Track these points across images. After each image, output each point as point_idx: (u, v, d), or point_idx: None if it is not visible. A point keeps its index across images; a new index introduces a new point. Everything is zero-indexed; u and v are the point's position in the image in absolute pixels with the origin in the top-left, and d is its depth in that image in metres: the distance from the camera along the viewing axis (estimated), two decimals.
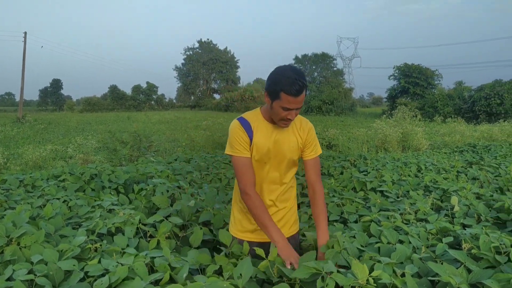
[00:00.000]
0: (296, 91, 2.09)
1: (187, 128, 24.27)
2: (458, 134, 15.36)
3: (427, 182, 4.65)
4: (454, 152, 9.71)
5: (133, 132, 10.85)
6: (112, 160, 9.60)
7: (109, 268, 2.05)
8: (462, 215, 3.39)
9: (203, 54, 73.04)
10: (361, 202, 3.82)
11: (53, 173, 5.08)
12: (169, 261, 2.10)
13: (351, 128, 21.51)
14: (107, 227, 2.84)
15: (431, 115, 34.61)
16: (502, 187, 4.90)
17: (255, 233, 2.47)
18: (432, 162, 6.58)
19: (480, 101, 35.26)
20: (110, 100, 62.32)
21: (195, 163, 6.33)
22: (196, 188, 4.36)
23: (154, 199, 3.48)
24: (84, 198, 3.86)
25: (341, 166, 5.93)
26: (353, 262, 1.93)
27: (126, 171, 5.14)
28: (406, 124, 13.12)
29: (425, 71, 44.52)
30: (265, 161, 2.33)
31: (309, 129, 2.41)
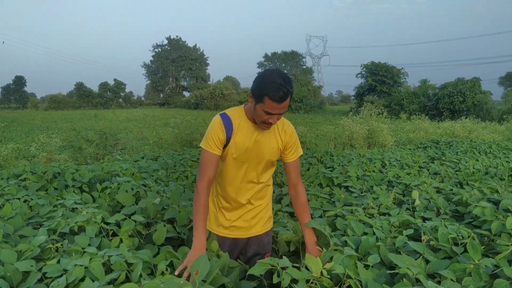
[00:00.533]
0: (280, 98, 2.07)
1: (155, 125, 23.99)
2: (422, 130, 15.76)
3: (391, 177, 4.76)
4: (418, 148, 9.97)
5: (99, 130, 10.65)
6: (77, 158, 9.39)
7: (68, 269, 2.01)
8: (422, 208, 3.49)
9: (172, 51, 72.34)
10: (326, 197, 3.88)
11: (14, 172, 4.93)
12: (126, 259, 2.07)
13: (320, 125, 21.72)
14: (69, 226, 2.78)
15: (397, 113, 35.37)
16: (461, 181, 5.07)
17: (229, 229, 2.47)
18: (396, 158, 6.74)
19: (443, 98, 36.25)
20: (76, 98, 60.85)
21: (162, 161, 6.27)
22: (162, 186, 4.32)
23: (118, 197, 3.43)
24: (46, 197, 3.76)
25: (308, 163, 6.00)
26: (306, 256, 1.97)
27: (91, 170, 5.03)
28: (372, 121, 13.38)
29: (391, 69, 45.42)
30: (243, 160, 2.32)
31: (291, 132, 2.41)
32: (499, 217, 2.90)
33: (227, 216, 2.45)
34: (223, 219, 2.46)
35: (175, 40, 73.04)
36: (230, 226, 2.45)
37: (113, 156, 7.53)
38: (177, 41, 73.03)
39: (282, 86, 2.06)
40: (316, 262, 1.89)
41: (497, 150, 8.94)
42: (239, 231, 2.45)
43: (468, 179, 5.06)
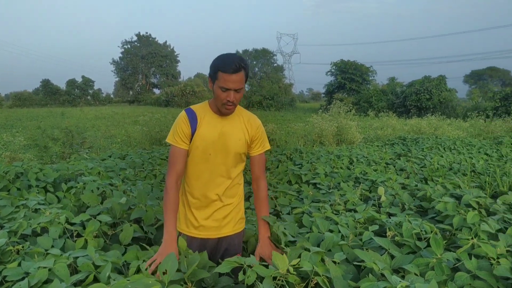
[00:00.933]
0: (232, 69, 2.10)
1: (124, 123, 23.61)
2: (390, 127, 16.08)
3: (358, 173, 4.84)
4: (386, 145, 10.16)
5: (65, 128, 10.38)
6: (43, 158, 9.13)
7: (30, 271, 1.96)
8: (388, 204, 3.56)
9: (142, 48, 71.21)
10: (295, 194, 3.91)
11: None
12: (94, 260, 2.03)
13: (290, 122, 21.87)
14: (32, 227, 2.70)
15: (365, 110, 35.92)
16: (426, 177, 5.20)
17: (198, 229, 2.42)
18: (363, 154, 6.85)
19: (411, 96, 37.03)
20: (43, 95, 59.19)
21: (130, 159, 6.18)
22: (129, 185, 4.26)
23: (83, 197, 3.35)
24: (7, 198, 3.63)
25: (277, 160, 6.03)
26: (273, 253, 1.97)
27: (55, 169, 4.91)
28: (341, 119, 13.55)
29: (360, 67, 46.12)
30: (209, 152, 2.30)
31: (257, 126, 2.41)
32: (461, 212, 2.99)
33: (196, 215, 2.39)
34: (192, 218, 2.41)
35: (145, 36, 71.92)
36: (200, 225, 2.39)
37: (79, 155, 7.36)
38: (147, 38, 71.93)
39: (234, 59, 2.13)
40: (282, 259, 1.90)
41: (461, 146, 9.21)
42: (209, 231, 2.40)
43: (432, 175, 5.19)
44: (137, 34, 71.95)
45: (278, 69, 64.55)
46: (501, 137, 12.12)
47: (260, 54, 63.87)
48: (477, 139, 12.22)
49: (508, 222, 2.96)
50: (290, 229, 2.66)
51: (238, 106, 2.39)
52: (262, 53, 63.92)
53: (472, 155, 7.63)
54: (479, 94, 42.34)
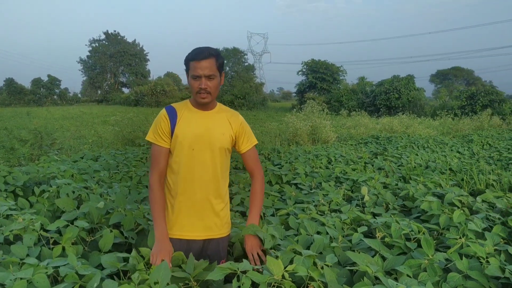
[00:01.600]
0: (199, 56, 2.16)
1: (94, 123, 23.05)
2: (363, 126, 16.28)
3: (338, 173, 4.83)
4: (360, 144, 10.25)
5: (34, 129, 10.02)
6: (10, 160, 8.78)
7: (6, 283, 1.82)
8: (372, 204, 3.55)
9: (110, 46, 69.80)
10: (277, 195, 3.85)
11: None
12: (76, 269, 1.91)
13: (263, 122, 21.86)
14: (4, 235, 2.54)
15: (337, 109, 36.37)
16: (405, 176, 5.24)
17: (183, 229, 2.34)
18: (341, 153, 6.87)
19: (380, 95, 37.68)
20: (6, 95, 57.14)
21: (103, 161, 5.99)
22: (105, 188, 4.10)
23: (58, 201, 3.19)
24: None
25: None
26: (267, 258, 1.91)
27: (25, 172, 4.69)
28: (315, 118, 13.61)
29: (331, 67, 46.61)
30: (193, 148, 2.27)
31: (240, 122, 2.41)
32: (445, 211, 3.00)
33: (181, 215, 2.32)
34: (177, 219, 2.33)
35: (113, 35, 70.51)
36: (185, 225, 2.32)
37: (49, 156, 7.09)
38: (115, 36, 70.55)
39: (203, 48, 2.21)
40: (277, 264, 1.83)
41: (433, 144, 9.39)
42: (195, 232, 2.33)
43: (410, 173, 5.24)
44: (105, 32, 70.44)
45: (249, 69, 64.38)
46: (470, 135, 12.43)
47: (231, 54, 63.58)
48: (448, 137, 12.51)
49: (492, 220, 2.99)
50: (277, 232, 2.60)
51: (219, 104, 2.41)
52: (233, 52, 63.66)
53: (446, 153, 7.77)
54: (446, 93, 43.49)
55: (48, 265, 1.98)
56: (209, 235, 2.36)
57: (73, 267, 1.93)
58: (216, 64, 2.21)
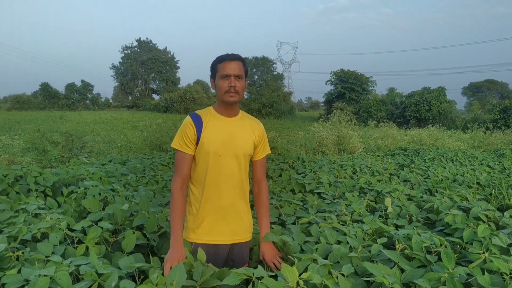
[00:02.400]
0: (229, 57, 2.29)
1: (123, 128, 23.53)
2: (390, 138, 16.04)
3: (362, 184, 4.78)
4: (387, 155, 10.11)
5: (65, 132, 10.31)
6: (42, 161, 9.05)
7: (30, 279, 1.89)
8: (395, 216, 3.50)
9: (142, 53, 71.14)
10: (299, 203, 3.84)
11: None
12: (96, 268, 1.96)
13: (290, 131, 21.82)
14: (32, 233, 2.64)
15: (365, 120, 35.98)
16: (431, 188, 5.15)
17: (210, 234, 2.35)
18: (366, 164, 6.80)
19: (410, 107, 37.12)
20: (41, 99, 59.02)
21: (131, 165, 6.11)
22: (131, 191, 4.19)
23: (85, 202, 3.28)
24: (6, 202, 3.56)
25: (280, 168, 5.97)
26: (282, 265, 1.92)
27: (55, 173, 4.84)
28: (342, 128, 13.51)
29: (360, 77, 46.25)
30: (220, 154, 2.30)
31: (261, 130, 2.47)
32: (470, 225, 2.94)
33: (208, 221, 2.34)
34: (204, 224, 2.35)
35: (145, 42, 71.91)
36: (212, 231, 2.34)
37: (79, 159, 7.29)
38: (147, 43, 71.93)
39: (230, 53, 2.32)
40: (292, 272, 1.84)
41: (463, 158, 9.17)
42: (223, 236, 2.35)
43: (437, 186, 5.14)
44: (138, 39, 71.93)
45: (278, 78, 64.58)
46: (502, 150, 12.09)
47: (260, 62, 63.94)
48: (478, 151, 12.20)
49: None
50: (297, 239, 2.61)
51: (241, 111, 2.45)
52: (262, 61, 64.00)
53: (475, 167, 7.59)
54: (479, 106, 42.47)
55: (71, 263, 2.04)
56: (235, 240, 2.39)
57: (94, 266, 1.99)
58: (243, 68, 2.32)
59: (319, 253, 2.43)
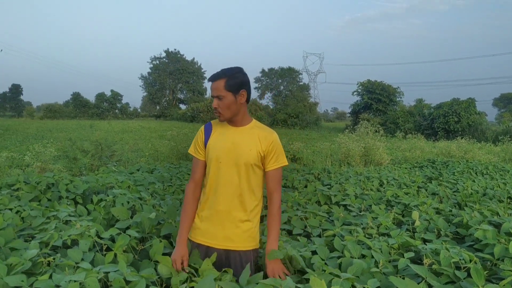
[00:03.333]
0: (210, 78, 2.37)
1: (151, 138, 23.86)
2: (418, 150, 15.78)
3: (389, 196, 4.72)
4: (414, 168, 9.94)
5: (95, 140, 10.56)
6: (72, 169, 9.28)
7: (61, 284, 1.94)
8: (422, 230, 3.44)
9: (170, 64, 72.25)
10: (325, 215, 3.82)
11: (7, 182, 4.84)
12: (125, 276, 2.00)
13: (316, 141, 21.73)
14: (63, 239, 2.71)
15: (392, 131, 35.50)
16: (460, 202, 5.04)
17: (205, 236, 2.47)
18: (393, 177, 6.70)
19: (438, 118, 36.46)
20: (73, 108, 60.62)
21: (158, 173, 6.20)
22: (158, 200, 4.25)
23: (114, 210, 3.36)
24: (38, 208, 3.67)
25: (305, 179, 5.95)
26: (311, 277, 1.91)
27: (85, 181, 4.95)
28: (369, 139, 13.37)
29: (387, 88, 45.76)
30: (220, 161, 2.39)
31: (272, 140, 2.44)
32: (501, 241, 2.86)
33: (205, 223, 2.47)
34: (202, 225, 2.48)
35: (173, 53, 73.03)
36: (207, 233, 2.45)
37: (108, 167, 7.44)
38: (175, 54, 73.02)
39: (221, 70, 2.38)
40: (320, 285, 1.83)
41: (493, 171, 8.94)
42: (214, 240, 2.43)
43: (466, 200, 5.02)
44: (166, 50, 73.12)
45: (304, 88, 64.52)
46: None
47: (286, 73, 64.05)
48: (510, 164, 11.87)
49: None
50: (321, 253, 2.60)
51: (256, 121, 2.53)
52: (288, 71, 64.10)
53: (506, 181, 7.38)
54: (510, 118, 41.35)
55: (100, 270, 2.09)
56: (229, 246, 2.43)
57: (122, 274, 2.03)
58: (224, 85, 2.32)
59: (343, 267, 2.42)
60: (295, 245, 2.89)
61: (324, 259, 2.51)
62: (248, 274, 1.93)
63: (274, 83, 65.43)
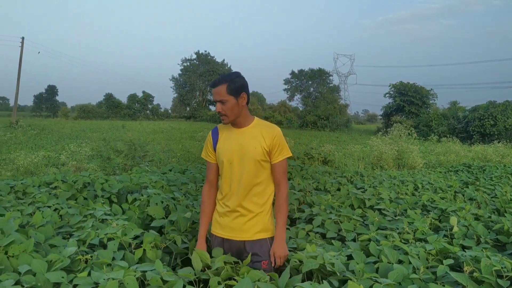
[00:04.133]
0: (211, 84, 2.55)
1: (182, 138, 24.15)
2: (453, 153, 15.37)
3: (425, 201, 4.60)
4: (449, 172, 9.69)
5: (129, 141, 10.74)
6: (106, 168, 9.47)
7: (100, 282, 1.97)
8: (461, 236, 3.33)
9: (200, 65, 72.96)
10: (359, 219, 3.76)
11: (45, 180, 4.97)
12: (161, 275, 2.02)
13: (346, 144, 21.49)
14: (99, 237, 2.76)
15: (425, 134, 34.79)
16: (499, 208, 4.87)
17: (224, 229, 2.64)
18: (428, 181, 6.54)
19: (474, 121, 35.50)
20: (105, 108, 62.04)
21: (190, 174, 6.24)
22: (191, 200, 4.28)
23: (150, 209, 3.42)
24: (76, 206, 3.75)
25: (337, 182, 5.87)
26: (349, 282, 1.87)
27: (119, 180, 5.03)
28: (402, 142, 13.10)
29: (420, 90, 44.86)
30: (231, 161, 2.57)
31: (275, 135, 2.59)
32: None
33: (222, 218, 2.64)
34: (221, 221, 2.65)
35: (204, 54, 73.68)
36: (225, 227, 2.62)
37: (140, 167, 7.55)
38: (206, 56, 73.65)
39: (221, 75, 2.55)
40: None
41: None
42: (233, 233, 2.60)
43: (506, 206, 4.85)
44: (196, 52, 73.91)
45: (334, 90, 64.00)
46: None
47: (316, 74, 63.70)
48: None
49: None
50: (357, 257, 2.55)
51: (258, 119, 2.68)
52: (318, 73, 63.73)
53: None
54: None
55: (137, 269, 2.11)
56: (246, 237, 2.60)
57: (159, 273, 2.04)
58: (226, 89, 2.49)
59: (380, 273, 2.37)
60: (329, 248, 2.86)
61: (358, 262, 2.47)
62: (288, 276, 1.91)
63: (304, 85, 65.16)
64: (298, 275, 2.11)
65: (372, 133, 33.33)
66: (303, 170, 6.66)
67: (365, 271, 2.25)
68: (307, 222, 3.92)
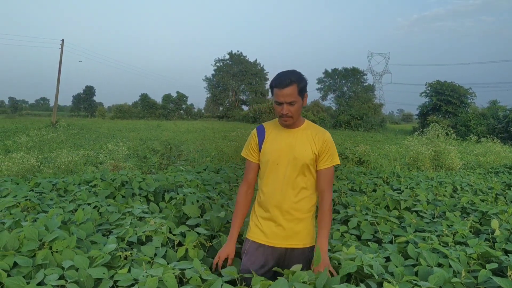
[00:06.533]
0: (281, 84, 2.30)
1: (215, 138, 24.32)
2: (493, 154, 14.86)
3: (464, 203, 4.48)
4: (489, 173, 9.38)
5: (164, 140, 10.93)
6: (142, 167, 9.67)
7: (139, 279, 2.01)
8: (503, 240, 3.22)
9: (233, 65, 73.42)
10: (396, 221, 3.69)
11: (85, 178, 5.13)
12: (200, 274, 2.04)
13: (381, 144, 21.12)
14: (138, 235, 2.82)
15: (463, 134, 33.76)
16: None
17: (267, 236, 2.48)
18: (468, 182, 6.36)
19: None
20: (141, 108, 63.45)
21: (224, 173, 6.29)
22: (225, 200, 4.31)
23: (185, 208, 3.47)
24: (115, 204, 3.85)
25: (373, 183, 5.79)
26: (385, 284, 1.85)
27: (156, 179, 5.14)
28: (439, 143, 12.77)
29: (458, 89, 43.56)
30: (277, 162, 2.45)
31: (325, 140, 2.48)
32: None
33: (265, 224, 2.49)
34: (262, 227, 2.50)
35: (236, 55, 74.12)
36: (268, 233, 2.48)
37: (176, 166, 7.67)
38: (238, 56, 74.07)
39: (285, 74, 2.33)
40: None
41: None
42: (276, 240, 2.46)
43: None
44: (229, 52, 74.42)
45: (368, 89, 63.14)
46: None
47: (350, 73, 63.00)
48: None
49: None
50: (395, 260, 2.51)
51: (308, 121, 2.56)
52: (352, 72, 63.01)
53: None
54: None
55: (175, 267, 2.15)
56: (290, 244, 2.47)
57: (197, 271, 2.07)
58: (297, 90, 2.33)
59: (419, 276, 2.32)
60: (365, 250, 2.82)
61: (396, 265, 2.42)
62: (325, 278, 1.89)
63: (337, 84, 64.56)
64: (337, 277, 2.09)
65: (408, 133, 32.64)
66: (337, 171, 6.60)
67: (404, 274, 2.21)
68: (341, 223, 3.88)
